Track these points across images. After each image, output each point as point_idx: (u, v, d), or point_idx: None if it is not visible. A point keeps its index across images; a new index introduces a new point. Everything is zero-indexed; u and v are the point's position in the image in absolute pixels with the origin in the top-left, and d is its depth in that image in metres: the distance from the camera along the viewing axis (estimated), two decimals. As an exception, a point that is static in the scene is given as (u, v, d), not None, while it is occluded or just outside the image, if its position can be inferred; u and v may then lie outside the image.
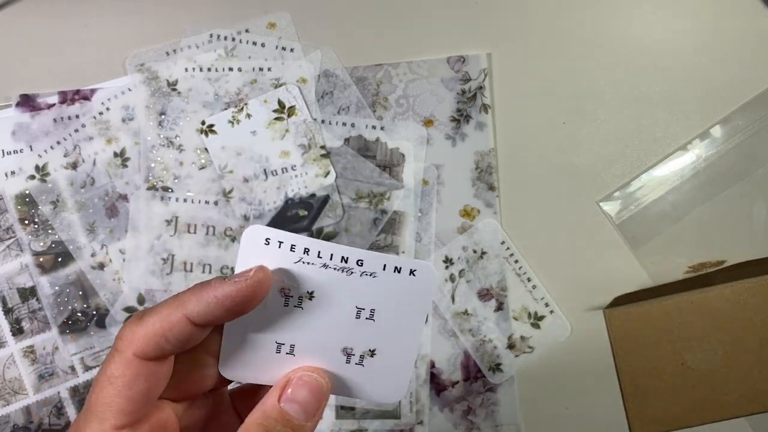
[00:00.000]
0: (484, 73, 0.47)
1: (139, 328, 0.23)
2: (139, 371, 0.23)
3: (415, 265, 0.24)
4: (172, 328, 0.23)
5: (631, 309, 0.44)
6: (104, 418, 0.23)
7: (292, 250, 0.24)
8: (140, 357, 0.23)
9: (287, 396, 0.24)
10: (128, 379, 0.23)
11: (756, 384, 0.43)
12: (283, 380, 0.25)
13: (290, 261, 0.24)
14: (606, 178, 0.47)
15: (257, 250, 0.24)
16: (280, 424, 0.24)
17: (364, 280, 0.24)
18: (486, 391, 0.46)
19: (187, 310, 0.23)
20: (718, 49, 0.46)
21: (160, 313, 0.23)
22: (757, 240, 0.45)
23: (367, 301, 0.25)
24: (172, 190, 0.47)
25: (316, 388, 0.25)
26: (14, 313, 0.47)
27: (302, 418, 0.24)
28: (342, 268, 0.24)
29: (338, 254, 0.24)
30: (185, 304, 0.23)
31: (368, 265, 0.24)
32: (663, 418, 0.44)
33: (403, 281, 0.24)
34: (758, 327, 0.43)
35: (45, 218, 0.47)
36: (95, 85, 0.48)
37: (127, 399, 0.23)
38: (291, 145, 0.47)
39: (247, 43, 0.47)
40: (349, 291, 0.24)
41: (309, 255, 0.24)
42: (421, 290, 0.24)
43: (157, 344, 0.23)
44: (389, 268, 0.24)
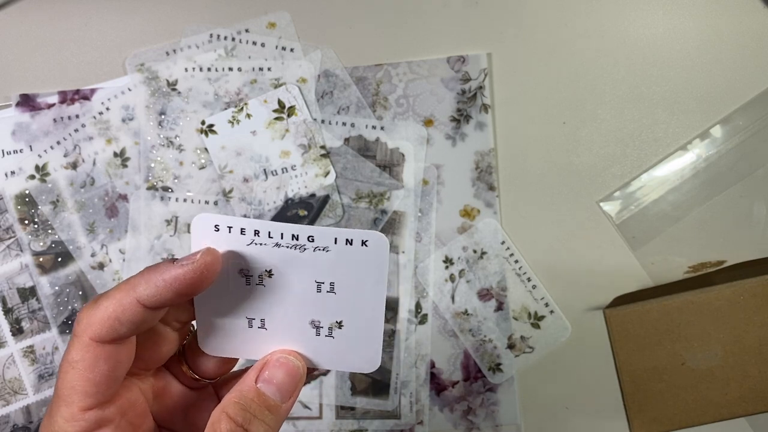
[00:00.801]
0: (484, 73, 0.47)
1: (93, 312, 0.24)
2: (97, 354, 0.24)
3: (365, 235, 0.24)
4: (125, 312, 0.24)
5: (631, 309, 0.44)
6: (71, 402, 0.24)
7: (242, 234, 0.24)
8: (96, 341, 0.24)
9: (264, 377, 0.25)
10: (88, 363, 0.24)
11: (756, 384, 0.43)
12: (260, 362, 0.26)
13: (243, 244, 0.24)
14: (606, 178, 0.47)
15: (208, 237, 0.24)
16: (256, 404, 0.25)
17: (318, 254, 0.25)
18: (486, 391, 0.46)
19: (138, 294, 0.24)
20: (718, 49, 0.46)
21: (113, 298, 0.24)
22: (757, 240, 0.45)
23: (325, 274, 0.25)
24: (172, 190, 0.47)
25: (292, 370, 0.26)
26: (14, 313, 0.47)
27: (278, 398, 0.25)
28: (294, 245, 0.24)
29: (288, 232, 0.24)
30: (136, 287, 0.24)
31: (319, 240, 0.24)
32: (663, 418, 0.44)
33: (356, 253, 0.25)
34: (758, 327, 0.43)
35: (45, 218, 0.47)
36: (95, 85, 0.48)
37: (89, 381, 0.24)
38: (291, 145, 0.47)
39: (247, 42, 0.47)
40: (306, 266, 0.25)
41: (260, 236, 0.24)
42: (375, 259, 0.25)
43: (111, 327, 0.24)
44: (340, 241, 0.24)
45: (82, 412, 0.24)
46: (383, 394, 0.46)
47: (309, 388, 0.47)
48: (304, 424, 0.46)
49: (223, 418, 0.24)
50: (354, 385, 0.47)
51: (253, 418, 0.24)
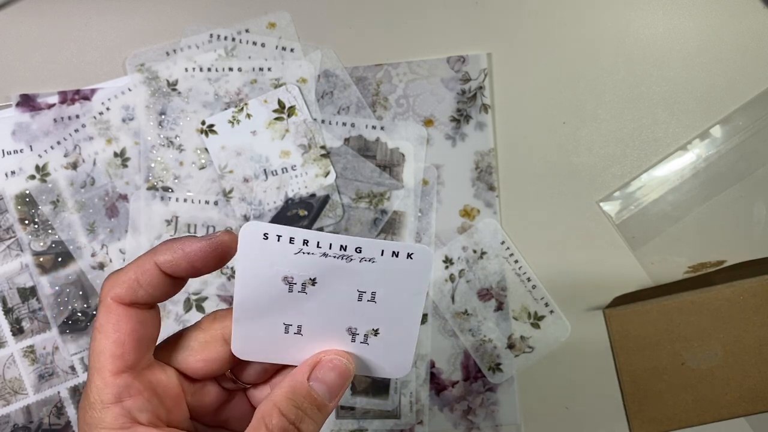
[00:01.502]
0: (484, 73, 0.47)
1: (116, 276, 0.25)
2: (119, 315, 0.25)
3: (412, 248, 0.25)
4: (144, 274, 0.25)
5: (630, 309, 0.44)
6: (102, 367, 0.24)
7: (291, 243, 0.24)
8: (118, 302, 0.25)
9: (316, 376, 0.26)
10: (112, 324, 0.24)
11: (756, 384, 0.43)
12: (312, 360, 0.26)
13: (290, 252, 0.24)
14: (606, 178, 0.47)
15: (256, 245, 0.24)
16: (307, 401, 0.25)
17: (363, 265, 0.25)
18: (486, 390, 0.46)
19: (157, 258, 0.25)
20: (718, 49, 0.46)
21: (135, 262, 0.25)
22: (757, 240, 0.45)
23: (368, 284, 0.25)
24: (172, 190, 0.47)
25: (343, 371, 0.26)
26: (14, 313, 0.47)
27: (327, 398, 0.26)
28: (341, 255, 0.25)
29: (337, 243, 0.24)
30: (156, 253, 0.25)
31: (367, 251, 0.25)
32: (663, 418, 0.44)
33: (401, 264, 0.25)
34: (758, 327, 0.43)
35: (45, 218, 0.47)
36: (95, 85, 0.48)
37: (115, 343, 0.24)
38: (291, 145, 0.47)
39: (247, 43, 0.47)
40: (350, 276, 0.25)
41: (308, 246, 0.24)
42: (419, 271, 0.25)
43: (130, 288, 0.25)
44: (387, 253, 0.25)
45: (113, 376, 0.24)
46: (383, 394, 0.46)
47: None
48: (304, 423, 0.46)
49: (274, 413, 0.24)
50: (354, 385, 0.47)
51: (305, 416, 0.25)
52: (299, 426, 0.25)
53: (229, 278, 0.47)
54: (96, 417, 0.24)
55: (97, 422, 0.24)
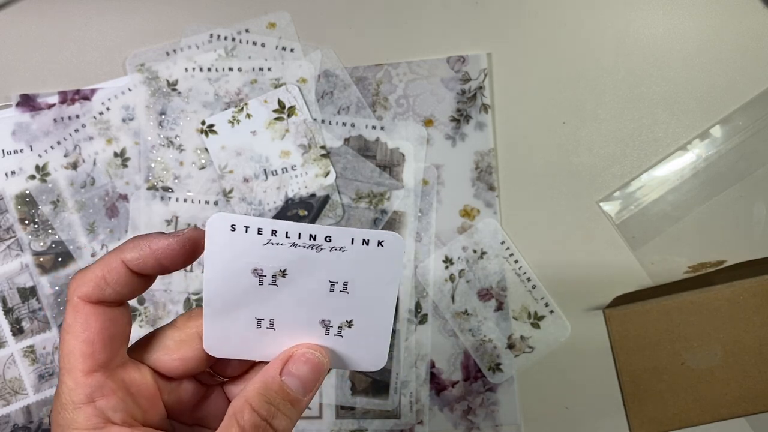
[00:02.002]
0: (484, 73, 0.47)
1: (82, 274, 0.25)
2: (87, 313, 0.24)
3: (382, 236, 0.25)
4: (111, 272, 0.24)
5: (630, 309, 0.44)
6: (72, 368, 0.24)
7: (259, 233, 0.24)
8: (85, 300, 0.24)
9: (289, 371, 0.25)
10: (81, 323, 0.24)
11: (756, 384, 0.43)
12: (285, 354, 0.26)
13: (259, 244, 0.24)
14: (606, 178, 0.47)
15: (224, 237, 0.24)
16: (279, 396, 0.25)
17: (334, 254, 0.25)
18: (486, 390, 0.46)
19: (124, 255, 0.24)
20: (718, 49, 0.46)
21: (102, 260, 0.25)
22: (757, 240, 0.45)
23: (340, 274, 0.25)
24: (172, 190, 0.47)
25: (317, 365, 0.26)
26: (14, 312, 0.47)
27: (300, 393, 0.25)
28: (311, 245, 0.24)
29: (306, 232, 0.24)
30: (124, 250, 0.25)
31: (336, 240, 0.24)
32: (663, 418, 0.44)
33: (372, 252, 0.25)
34: (758, 327, 0.43)
35: (45, 218, 0.47)
36: (95, 85, 0.48)
37: (84, 342, 0.24)
38: (291, 145, 0.47)
39: (247, 43, 0.47)
40: (321, 266, 0.25)
41: (277, 236, 0.24)
42: (390, 259, 0.25)
43: (97, 286, 0.24)
44: (357, 242, 0.24)
45: (84, 376, 0.24)
46: (383, 394, 0.46)
47: (309, 387, 0.47)
48: (304, 423, 0.47)
49: (246, 409, 0.24)
50: (354, 384, 0.47)
51: (277, 411, 0.24)
52: (271, 422, 0.24)
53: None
54: (68, 418, 0.24)
55: (69, 423, 0.24)
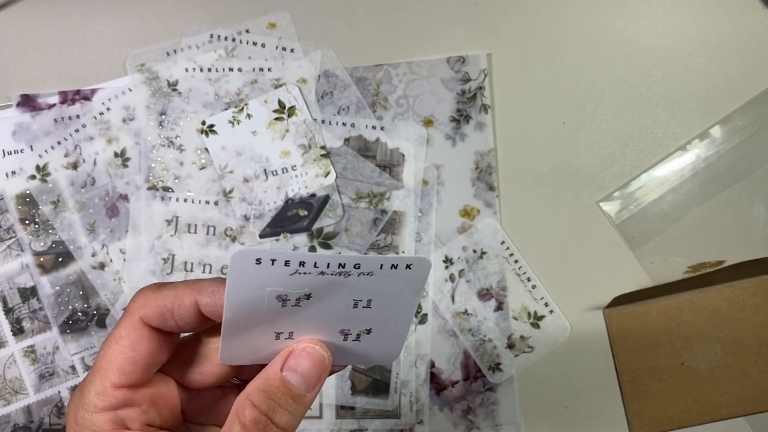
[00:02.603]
0: (483, 74, 0.47)
1: (152, 296, 0.25)
2: (142, 335, 0.25)
3: (411, 260, 0.24)
4: (181, 308, 0.25)
5: (630, 309, 0.44)
6: (106, 375, 0.24)
7: (286, 265, 0.23)
8: (144, 322, 0.25)
9: (290, 365, 0.25)
10: (132, 340, 0.24)
11: (755, 384, 0.43)
12: (286, 351, 0.26)
13: (285, 274, 0.23)
14: (605, 178, 0.47)
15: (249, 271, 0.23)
16: (280, 392, 0.24)
17: (361, 279, 0.24)
18: (486, 390, 0.46)
19: (201, 298, 0.25)
20: (717, 49, 0.46)
21: (176, 290, 0.25)
22: (757, 240, 0.46)
23: (365, 294, 0.25)
24: (172, 190, 0.47)
25: (318, 359, 0.25)
26: (15, 312, 0.47)
27: (303, 388, 0.25)
28: (339, 272, 0.24)
29: (335, 263, 0.23)
30: (201, 291, 0.25)
31: (365, 267, 0.24)
32: (662, 418, 0.44)
33: (399, 274, 0.24)
34: (757, 327, 0.43)
35: (45, 218, 0.47)
36: (96, 86, 0.48)
37: (128, 359, 0.24)
38: (291, 145, 0.47)
39: (248, 43, 0.47)
40: (347, 288, 0.24)
41: (305, 267, 0.23)
42: (416, 278, 0.25)
43: (162, 316, 0.25)
44: (386, 267, 0.24)
45: (114, 388, 0.24)
46: (383, 394, 0.46)
47: (309, 387, 0.47)
48: (304, 423, 0.47)
49: (247, 405, 0.24)
50: (354, 384, 0.47)
51: (278, 406, 0.24)
52: (272, 417, 0.24)
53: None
54: (87, 419, 0.24)
55: (88, 423, 0.24)
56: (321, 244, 0.47)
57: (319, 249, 0.47)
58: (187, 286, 0.25)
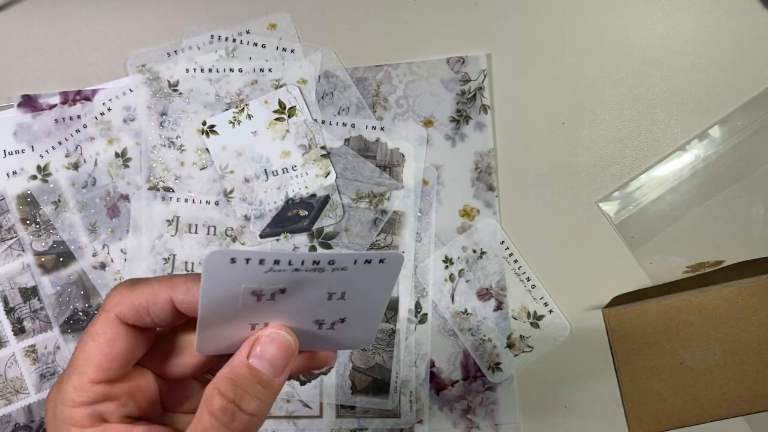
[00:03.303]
0: (483, 74, 0.47)
1: (127, 294, 0.25)
2: (118, 332, 0.25)
3: (385, 255, 0.24)
4: (156, 305, 0.25)
5: (629, 308, 0.44)
6: (83, 372, 0.24)
7: (261, 264, 0.23)
8: (120, 319, 0.25)
9: (255, 352, 0.25)
10: (108, 337, 0.25)
11: (754, 383, 0.43)
12: (252, 338, 0.26)
13: (260, 272, 0.23)
14: (605, 178, 0.47)
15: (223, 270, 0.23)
16: (247, 379, 0.25)
17: (335, 273, 0.24)
18: (485, 390, 0.47)
19: (175, 295, 0.25)
20: (716, 49, 0.46)
21: (150, 287, 0.25)
22: (755, 240, 0.46)
23: (338, 287, 0.25)
24: (173, 190, 0.47)
25: (284, 344, 0.25)
26: (16, 312, 0.47)
27: (270, 373, 0.25)
28: (314, 269, 0.24)
29: (309, 260, 0.23)
30: (175, 287, 0.25)
31: (339, 263, 0.24)
32: (662, 417, 0.44)
33: (373, 268, 0.25)
34: (756, 326, 0.43)
35: (46, 218, 0.47)
36: (96, 86, 0.48)
37: (105, 356, 0.24)
38: (291, 146, 0.47)
39: (248, 44, 0.48)
40: (321, 283, 0.25)
41: (279, 264, 0.23)
42: (389, 272, 0.25)
43: (137, 313, 0.25)
44: (360, 262, 0.24)
45: (91, 384, 0.24)
46: (383, 393, 0.47)
47: (310, 386, 0.47)
48: (304, 423, 0.47)
49: (215, 395, 0.24)
50: (354, 384, 0.47)
51: (245, 393, 0.24)
52: (239, 404, 0.24)
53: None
54: (66, 413, 0.24)
55: (66, 418, 0.24)
56: (321, 243, 0.47)
57: (320, 249, 0.47)
58: (161, 283, 0.25)
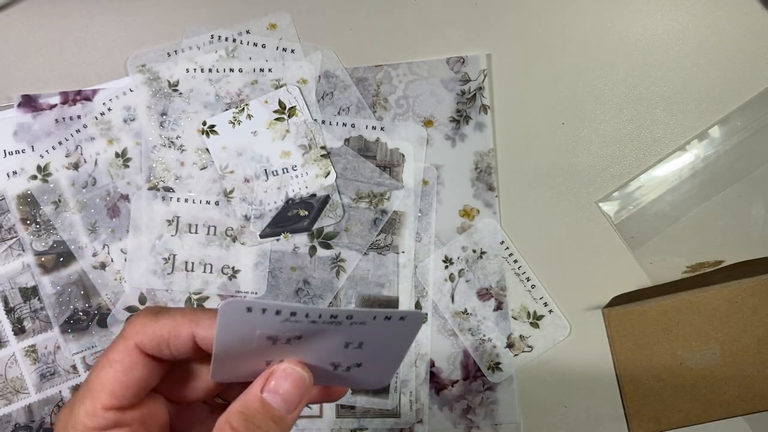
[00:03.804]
0: (483, 74, 0.47)
1: (149, 324, 0.25)
2: (137, 361, 0.25)
3: (405, 313, 0.24)
4: (177, 338, 0.25)
5: (629, 308, 0.44)
6: (97, 398, 0.24)
7: (277, 314, 0.23)
8: (140, 349, 0.25)
9: (269, 387, 0.25)
10: (126, 365, 0.24)
11: (754, 383, 0.43)
12: (266, 372, 0.25)
13: (276, 321, 0.23)
14: (605, 178, 0.47)
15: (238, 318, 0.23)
16: (260, 414, 0.24)
17: (353, 327, 0.24)
18: (485, 390, 0.47)
19: (198, 331, 0.25)
20: (716, 49, 0.46)
21: (173, 319, 0.25)
22: (755, 240, 0.46)
23: (356, 338, 0.24)
24: (173, 190, 0.47)
25: (299, 381, 0.25)
26: (16, 312, 0.47)
27: (283, 409, 0.25)
28: (331, 322, 0.23)
29: (327, 314, 0.23)
30: (198, 323, 0.25)
31: (358, 317, 0.23)
32: (661, 417, 0.44)
33: (392, 324, 0.24)
34: (756, 326, 0.43)
35: (47, 218, 0.47)
36: (97, 86, 0.48)
37: (121, 383, 0.24)
38: (291, 146, 0.47)
39: (248, 44, 0.48)
40: (338, 333, 0.24)
41: (296, 316, 0.23)
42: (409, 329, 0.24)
43: (158, 345, 0.25)
44: (379, 318, 0.24)
45: (104, 410, 0.24)
46: (383, 393, 0.47)
47: (309, 387, 0.47)
48: (304, 422, 0.47)
49: (226, 429, 0.24)
50: (354, 384, 0.47)
51: (257, 429, 0.24)
52: None
53: (230, 278, 0.47)
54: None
55: None
56: (321, 243, 0.47)
57: (320, 249, 0.47)
58: (184, 317, 0.25)
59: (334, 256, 0.47)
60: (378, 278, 0.47)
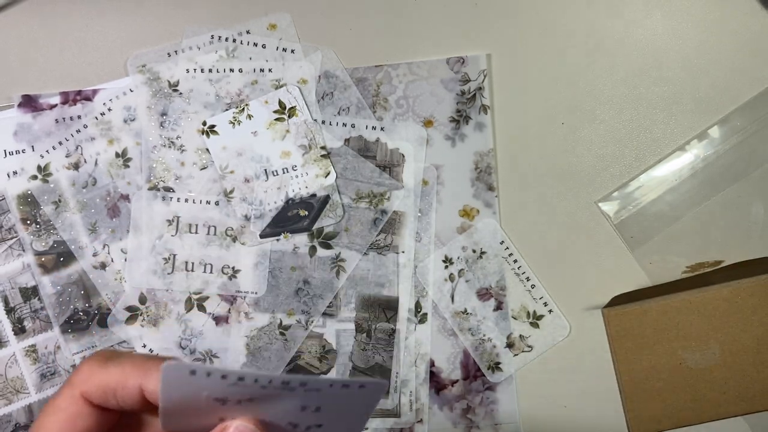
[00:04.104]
0: (483, 74, 0.47)
1: (97, 372, 0.24)
2: (82, 410, 0.24)
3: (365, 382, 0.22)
4: (124, 389, 0.23)
5: (629, 308, 0.44)
6: None
7: (223, 378, 0.21)
8: (85, 398, 0.24)
9: None
10: (70, 413, 0.23)
11: (754, 383, 0.43)
12: (219, 428, 0.24)
13: (224, 384, 0.22)
14: (604, 178, 0.47)
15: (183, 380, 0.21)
16: None
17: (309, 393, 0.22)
18: (485, 389, 0.47)
19: (145, 383, 0.23)
20: (716, 49, 0.46)
21: (122, 369, 0.24)
22: (755, 240, 0.46)
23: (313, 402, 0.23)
24: (173, 191, 0.47)
25: None
26: (16, 312, 0.47)
27: None
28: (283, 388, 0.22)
29: (278, 381, 0.22)
30: (147, 375, 0.23)
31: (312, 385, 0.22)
32: (661, 417, 0.44)
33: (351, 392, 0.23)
34: (756, 326, 0.43)
35: (47, 218, 0.47)
36: (97, 86, 0.48)
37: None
38: (291, 146, 0.47)
39: (248, 44, 0.48)
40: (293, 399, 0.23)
41: (244, 381, 0.21)
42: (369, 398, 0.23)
43: (103, 395, 0.24)
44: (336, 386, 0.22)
45: None
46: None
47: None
48: (304, 422, 0.47)
49: None
50: (354, 384, 0.47)
51: None
52: None
53: (230, 278, 0.47)
54: None
55: None
56: (321, 243, 0.47)
57: (320, 249, 0.47)
58: (134, 367, 0.23)
59: (334, 256, 0.47)
60: (378, 278, 0.47)
